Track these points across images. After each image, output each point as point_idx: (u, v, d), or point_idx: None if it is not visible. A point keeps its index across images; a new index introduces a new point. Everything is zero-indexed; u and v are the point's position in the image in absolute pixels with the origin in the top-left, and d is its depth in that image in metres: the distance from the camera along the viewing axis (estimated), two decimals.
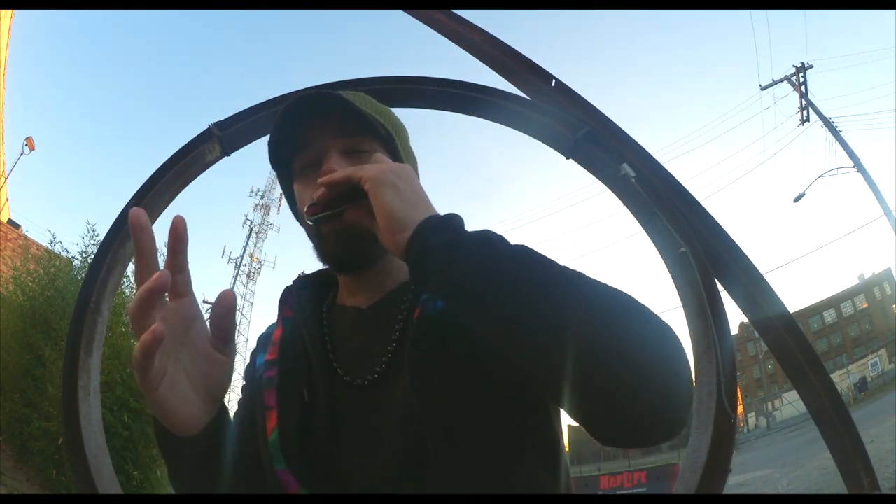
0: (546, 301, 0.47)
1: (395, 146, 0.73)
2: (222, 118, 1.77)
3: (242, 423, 0.71)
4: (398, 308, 0.67)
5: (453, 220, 0.54)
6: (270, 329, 0.77)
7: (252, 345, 0.79)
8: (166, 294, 0.53)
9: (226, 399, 0.61)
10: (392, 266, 0.72)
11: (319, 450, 0.61)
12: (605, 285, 0.50)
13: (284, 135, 0.68)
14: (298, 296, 0.74)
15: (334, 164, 0.64)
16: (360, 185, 0.56)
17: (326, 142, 0.67)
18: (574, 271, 0.50)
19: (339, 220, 0.62)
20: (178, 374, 0.55)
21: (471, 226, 0.56)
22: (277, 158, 0.72)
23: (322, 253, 0.69)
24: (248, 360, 0.78)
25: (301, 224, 0.75)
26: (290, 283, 0.79)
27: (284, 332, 0.71)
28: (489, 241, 0.52)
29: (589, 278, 0.50)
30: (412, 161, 0.79)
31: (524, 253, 0.51)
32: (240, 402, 0.77)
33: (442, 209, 0.59)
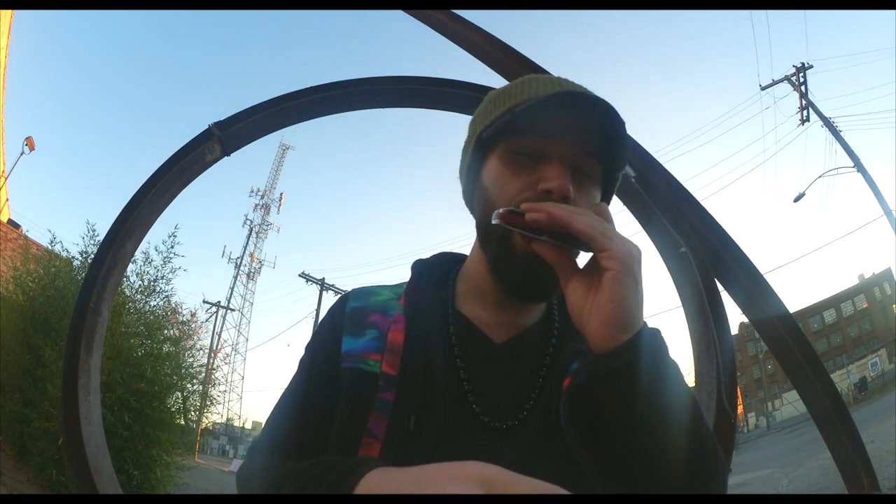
0: (680, 432, 0.52)
1: (614, 187, 0.67)
2: (222, 118, 1.77)
3: (319, 416, 0.61)
4: (535, 354, 0.63)
5: (663, 347, 0.54)
6: (365, 303, 0.67)
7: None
8: None
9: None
10: None
11: None
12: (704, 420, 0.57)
13: (537, 107, 0.58)
14: (424, 293, 0.67)
15: (569, 185, 0.58)
16: (598, 252, 0.52)
17: (565, 146, 0.60)
18: (706, 428, 0.56)
19: (528, 242, 0.56)
20: None
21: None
22: (505, 120, 0.61)
23: (502, 268, 0.61)
24: (323, 331, 0.67)
25: (466, 198, 0.69)
26: (415, 269, 0.71)
27: (407, 337, 0.61)
28: (677, 379, 0.54)
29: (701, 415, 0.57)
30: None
31: (688, 391, 0.55)
32: (308, 385, 0.65)
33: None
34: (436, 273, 0.71)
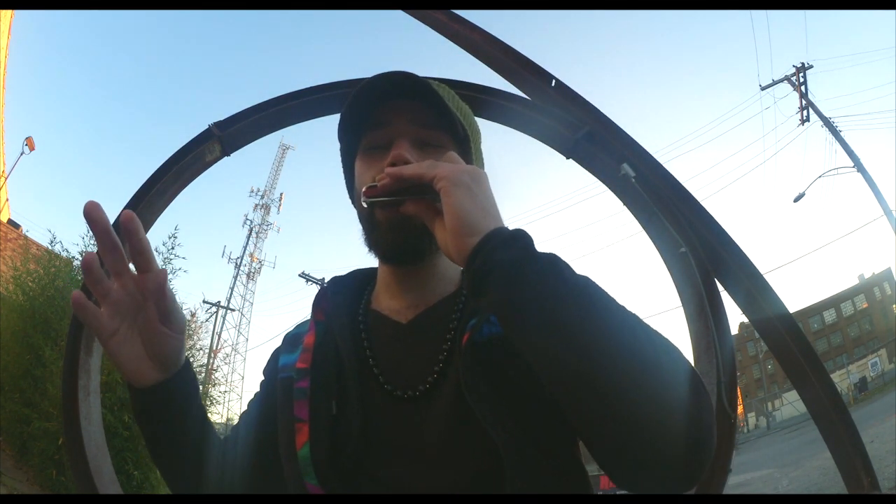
0: (602, 341, 0.45)
1: (469, 149, 0.72)
2: (222, 118, 1.76)
3: (261, 425, 0.72)
4: (441, 326, 0.66)
5: (524, 237, 0.52)
6: (300, 329, 0.76)
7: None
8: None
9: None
10: (437, 272, 0.71)
11: (356, 464, 0.59)
12: (660, 336, 0.49)
13: (361, 108, 0.67)
14: (333, 300, 0.72)
15: (405, 152, 0.63)
16: (432, 184, 0.55)
17: (402, 127, 0.66)
18: (632, 315, 0.49)
19: (395, 209, 0.60)
20: (132, 334, 0.60)
21: None
22: (346, 130, 0.70)
23: (371, 240, 0.68)
24: (269, 358, 0.78)
25: (354, 204, 0.74)
26: (324, 285, 0.77)
27: (317, 338, 0.69)
28: (557, 268, 0.49)
29: (645, 325, 0.49)
30: (482, 166, 0.76)
31: (588, 286, 0.49)
32: (255, 399, 0.77)
33: None
34: (348, 284, 0.77)
